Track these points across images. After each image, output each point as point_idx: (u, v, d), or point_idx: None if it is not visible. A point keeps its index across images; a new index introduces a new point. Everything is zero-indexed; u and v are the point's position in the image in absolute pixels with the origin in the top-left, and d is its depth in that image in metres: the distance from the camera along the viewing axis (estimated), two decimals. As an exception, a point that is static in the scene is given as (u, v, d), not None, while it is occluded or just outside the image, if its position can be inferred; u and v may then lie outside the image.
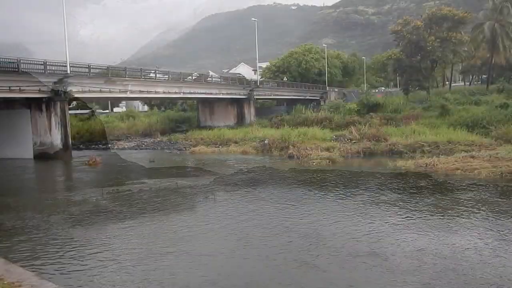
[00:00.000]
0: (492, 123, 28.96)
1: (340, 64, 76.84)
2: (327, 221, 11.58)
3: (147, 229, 11.25)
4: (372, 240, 9.84)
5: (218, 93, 44.74)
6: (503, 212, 12.19)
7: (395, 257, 8.77)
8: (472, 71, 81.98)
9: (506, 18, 55.82)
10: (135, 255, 9.28)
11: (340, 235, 10.29)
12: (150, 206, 13.91)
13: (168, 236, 10.60)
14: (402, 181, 17.47)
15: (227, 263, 8.88)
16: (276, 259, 8.88)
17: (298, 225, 11.24)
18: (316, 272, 8.19)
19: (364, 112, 40.38)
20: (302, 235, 10.36)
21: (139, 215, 12.76)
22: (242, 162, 24.62)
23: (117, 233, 10.92)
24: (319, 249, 9.36)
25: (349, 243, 9.69)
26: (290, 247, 9.51)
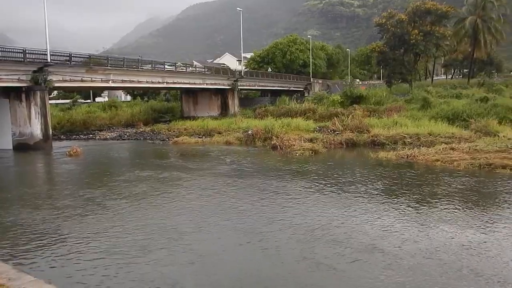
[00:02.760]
0: (472, 116, 29.43)
1: (324, 55, 77.12)
2: (311, 212, 11.57)
3: (130, 223, 11.04)
4: (352, 230, 9.95)
5: (202, 83, 44.39)
6: (480, 203, 12.48)
7: (377, 247, 8.88)
8: (454, 65, 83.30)
9: (488, 14, 56.74)
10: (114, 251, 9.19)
11: (325, 226, 10.35)
12: (133, 198, 13.75)
13: (156, 229, 10.40)
14: (383, 172, 17.68)
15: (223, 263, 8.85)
16: (273, 249, 8.94)
17: (282, 215, 11.28)
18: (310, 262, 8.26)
19: (347, 104, 40.64)
20: (288, 225, 10.41)
21: (122, 208, 12.54)
22: (225, 153, 24.57)
23: (104, 226, 10.71)
24: (310, 240, 9.43)
25: (333, 232, 9.80)
26: (277, 237, 9.56)
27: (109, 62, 34.67)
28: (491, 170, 16.84)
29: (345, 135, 26.69)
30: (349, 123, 29.25)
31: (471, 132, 25.82)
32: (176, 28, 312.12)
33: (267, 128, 28.62)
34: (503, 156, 17.97)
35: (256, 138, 28.13)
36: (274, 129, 28.39)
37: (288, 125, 30.15)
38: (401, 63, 55.71)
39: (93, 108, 51.91)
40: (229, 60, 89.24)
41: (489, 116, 28.91)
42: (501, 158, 17.72)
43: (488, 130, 25.60)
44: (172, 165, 20.93)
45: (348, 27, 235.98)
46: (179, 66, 44.76)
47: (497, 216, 11.02)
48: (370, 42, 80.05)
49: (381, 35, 57.87)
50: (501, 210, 11.66)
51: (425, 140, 23.99)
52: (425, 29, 53.04)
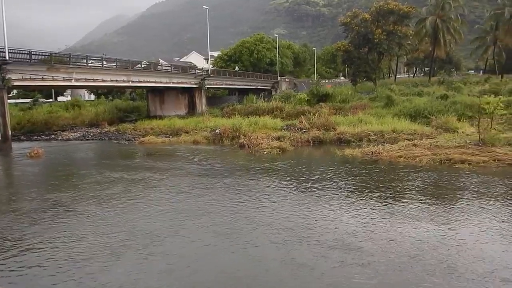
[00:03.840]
0: (433, 113, 30.45)
1: (291, 54, 77.78)
2: (285, 211, 11.59)
3: (101, 227, 10.73)
4: (326, 228, 10.09)
5: (168, 82, 43.78)
6: (443, 198, 12.96)
7: (349, 245, 9.04)
8: (416, 63, 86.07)
9: (447, 14, 58.86)
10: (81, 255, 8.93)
11: (300, 224, 10.42)
12: (103, 201, 13.38)
13: (129, 233, 10.11)
14: (350, 170, 18.03)
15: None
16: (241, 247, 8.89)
17: (256, 215, 11.29)
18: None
19: (314, 102, 41.18)
20: (264, 225, 10.41)
21: (91, 211, 12.13)
22: (193, 152, 24.36)
23: (74, 232, 10.35)
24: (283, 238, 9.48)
25: (303, 229, 9.90)
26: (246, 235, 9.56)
27: (72, 60, 33.62)
28: (451, 165, 17.50)
29: (312, 133, 27.02)
30: (315, 121, 29.62)
31: (432, 128, 26.72)
32: (142, 26, 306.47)
33: (235, 127, 28.59)
34: (462, 152, 18.72)
35: (224, 137, 28.06)
36: (242, 128, 28.40)
37: (256, 124, 30.24)
38: (365, 61, 56.94)
39: (55, 107, 50.27)
40: (196, 58, 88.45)
41: (449, 113, 30.03)
42: (460, 153, 18.45)
43: (448, 126, 26.59)
44: (140, 165, 20.50)
45: (314, 26, 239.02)
46: (145, 64, 43.98)
47: (460, 211, 11.43)
48: (335, 41, 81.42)
49: (346, 34, 58.96)
50: (463, 204, 12.11)
51: (389, 137, 24.65)
52: (388, 29, 54.44)
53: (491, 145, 19.60)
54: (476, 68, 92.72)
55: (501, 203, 12.05)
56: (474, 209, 11.42)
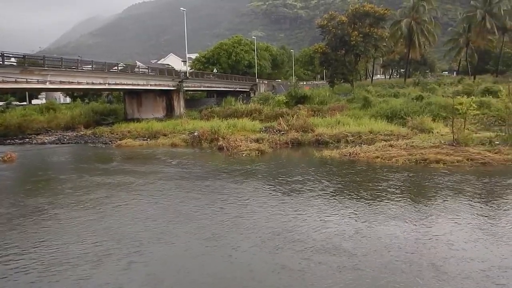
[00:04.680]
0: (408, 114, 31.00)
1: (269, 56, 78.05)
2: (266, 214, 11.58)
3: (81, 233, 10.47)
4: (309, 229, 10.12)
5: (146, 85, 43.27)
6: (419, 197, 13.20)
7: (331, 246, 9.08)
8: (392, 65, 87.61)
9: (421, 16, 60.05)
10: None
11: (283, 227, 10.41)
12: (82, 206, 13.06)
13: (110, 238, 9.87)
14: (329, 171, 18.17)
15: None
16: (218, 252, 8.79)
17: (239, 218, 11.21)
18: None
19: (292, 104, 41.38)
20: (248, 228, 10.37)
21: (71, 217, 11.81)
22: (172, 155, 24.13)
23: (53, 238, 10.07)
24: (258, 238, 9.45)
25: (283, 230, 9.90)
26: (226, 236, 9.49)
27: (46, 63, 32.78)
28: (426, 165, 17.85)
29: (291, 134, 27.14)
30: (294, 123, 29.77)
31: (408, 129, 27.20)
32: (118, 27, 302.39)
33: (213, 129, 28.46)
34: (437, 152, 19.12)
35: (202, 140, 27.89)
36: (220, 130, 28.30)
37: (234, 126, 30.19)
38: (342, 63, 57.60)
39: (29, 110, 48.92)
40: (174, 60, 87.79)
41: (424, 113, 30.64)
42: (435, 153, 18.84)
43: (423, 127, 27.13)
44: (119, 169, 20.14)
45: (291, 28, 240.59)
46: (122, 66, 43.36)
47: (437, 209, 11.66)
48: (313, 43, 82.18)
49: (323, 37, 59.45)
50: (439, 204, 12.35)
51: (366, 138, 24.98)
52: (364, 31, 55.22)
53: (465, 144, 20.08)
54: (449, 70, 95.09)
55: (475, 201, 12.35)
56: (450, 208, 11.66)
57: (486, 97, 36.75)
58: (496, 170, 16.79)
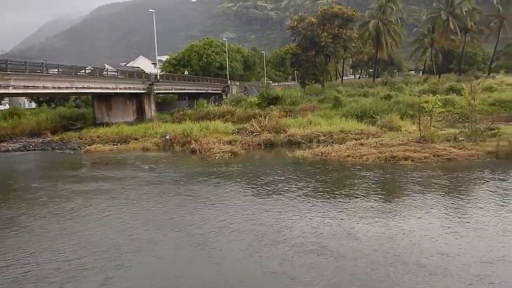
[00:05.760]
0: (378, 113, 31.66)
1: (241, 58, 77.96)
2: (246, 216, 11.54)
3: (58, 244, 10.09)
4: (290, 231, 10.16)
5: (115, 88, 42.41)
6: (390, 194, 13.49)
7: (309, 246, 9.13)
8: (361, 65, 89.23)
9: (388, 18, 61.41)
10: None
11: (264, 229, 10.41)
12: (56, 216, 12.65)
13: (89, 249, 9.53)
14: (301, 170, 18.34)
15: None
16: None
17: (219, 222, 11.12)
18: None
19: (264, 105, 41.52)
20: (230, 231, 10.29)
21: (45, 227, 11.41)
22: (143, 160, 23.78)
23: (28, 250, 9.67)
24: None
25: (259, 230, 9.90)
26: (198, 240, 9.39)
27: (9, 66, 31.65)
28: (395, 162, 18.28)
29: (263, 136, 27.24)
30: (266, 124, 29.88)
31: (377, 128, 27.78)
32: (85, 30, 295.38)
33: (186, 132, 28.23)
34: (405, 149, 19.61)
35: (174, 143, 27.62)
36: (193, 133, 28.10)
37: (207, 128, 30.03)
38: (313, 64, 58.20)
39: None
40: (144, 63, 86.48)
41: (392, 112, 31.36)
42: (403, 150, 19.32)
43: (392, 125, 27.78)
44: (91, 176, 19.57)
45: (262, 29, 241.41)
46: (90, 70, 42.34)
47: (407, 205, 12.03)
48: (284, 44, 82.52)
49: (293, 38, 59.91)
50: (408, 199, 12.70)
51: (338, 137, 25.36)
52: (334, 32, 55.97)
53: (431, 141, 20.67)
54: (416, 69, 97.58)
55: (444, 196, 12.76)
56: (421, 204, 12.02)
57: (450, 95, 37.98)
58: (461, 165, 17.37)
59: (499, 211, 11.04)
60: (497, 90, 44.09)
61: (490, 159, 18.06)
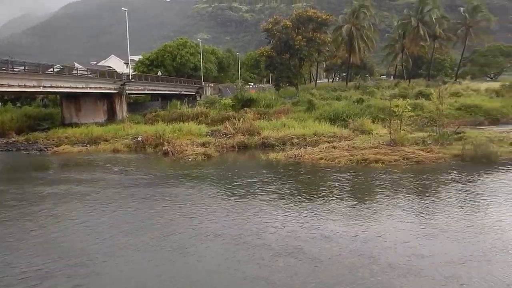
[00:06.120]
0: (350, 116, 32.11)
1: (215, 59, 77.60)
2: (220, 219, 11.43)
3: (26, 249, 9.69)
4: (267, 234, 10.09)
5: (85, 87, 41.36)
6: (361, 196, 13.65)
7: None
8: (334, 69, 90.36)
9: (361, 23, 62.47)
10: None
11: (239, 232, 10.31)
12: (23, 220, 12.14)
13: (59, 253, 9.15)
14: (275, 173, 18.34)
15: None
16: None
17: (195, 225, 10.95)
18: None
19: (239, 107, 41.41)
20: (206, 235, 10.12)
21: (12, 232, 10.93)
22: (114, 161, 23.25)
23: None
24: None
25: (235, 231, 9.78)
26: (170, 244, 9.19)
27: (-29, 64, 30.45)
28: (366, 165, 18.55)
29: (237, 138, 27.14)
30: (240, 126, 29.81)
31: (349, 131, 28.16)
32: (54, 27, 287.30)
33: (158, 133, 27.82)
34: (376, 152, 19.95)
35: (146, 145, 27.16)
36: (166, 135, 27.72)
37: (180, 130, 29.70)
38: (287, 67, 58.48)
39: (-48, 116, 45.08)
40: (116, 62, 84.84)
41: (364, 115, 31.89)
42: (375, 153, 19.65)
43: (363, 128, 28.22)
44: (59, 178, 18.93)
45: (237, 31, 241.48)
46: (58, 68, 41.13)
47: (378, 207, 12.24)
48: (259, 46, 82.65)
49: (268, 40, 60.08)
50: (379, 201, 12.92)
51: (311, 140, 25.56)
52: (308, 36, 56.43)
53: (401, 144, 21.11)
54: (387, 74, 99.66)
55: (413, 198, 13.04)
56: (392, 206, 12.25)
57: (420, 100, 38.88)
58: (429, 167, 17.81)
59: (467, 212, 11.37)
60: (463, 95, 45.61)
61: (456, 162, 18.60)
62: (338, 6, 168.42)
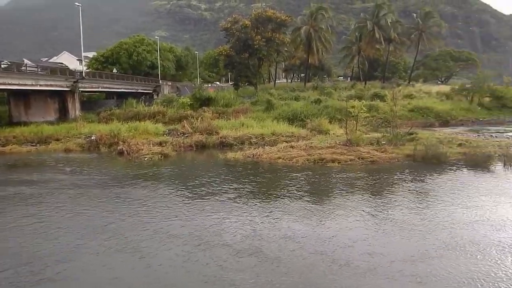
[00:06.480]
0: (308, 116, 32.56)
1: (173, 57, 76.39)
2: (171, 219, 11.20)
3: None
4: (228, 233, 9.93)
5: (35, 85, 39.38)
6: (317, 194, 13.79)
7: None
8: (293, 69, 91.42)
9: (319, 24, 63.59)
10: None
11: (199, 232, 10.10)
12: None
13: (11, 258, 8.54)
14: (233, 172, 18.22)
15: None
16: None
17: (153, 225, 10.64)
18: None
19: (197, 106, 40.91)
20: (164, 235, 9.83)
21: None
22: (65, 162, 22.26)
23: None
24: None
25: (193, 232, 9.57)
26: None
27: None
28: (323, 164, 18.83)
29: (195, 137, 26.80)
30: (198, 126, 29.46)
31: (307, 131, 28.53)
32: (2, 21, 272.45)
33: (113, 132, 26.94)
34: (333, 151, 20.30)
35: (100, 144, 26.23)
36: (121, 134, 26.89)
37: (136, 129, 28.92)
38: (246, 66, 58.51)
39: None
40: (69, 59, 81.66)
41: (322, 116, 32.43)
42: (331, 153, 19.99)
43: (321, 128, 28.68)
44: (7, 179, 17.81)
45: (196, 29, 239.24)
46: (6, 64, 38.97)
47: (334, 205, 12.45)
48: (218, 45, 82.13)
49: (227, 39, 59.84)
50: (335, 199, 13.15)
51: (269, 140, 25.68)
52: (267, 36, 56.71)
53: (357, 144, 21.62)
54: (344, 75, 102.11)
55: (368, 197, 13.34)
56: (347, 204, 12.48)
57: (375, 101, 40.10)
58: (383, 167, 18.33)
59: (420, 210, 11.77)
60: (416, 97, 47.55)
61: (409, 162, 19.26)
62: (297, 7, 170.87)
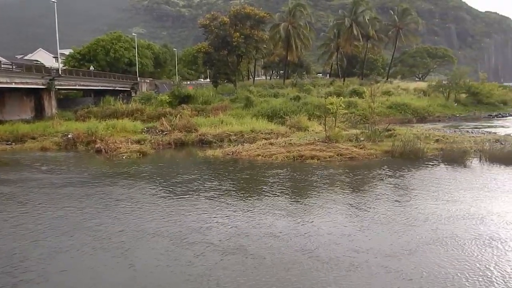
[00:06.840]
0: (287, 113, 32.74)
1: (151, 55, 75.63)
2: (152, 218, 11.11)
3: None
4: (211, 232, 9.95)
5: (9, 82, 38.42)
6: (297, 191, 13.96)
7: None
8: (272, 66, 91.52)
9: (297, 21, 63.83)
10: None
11: (178, 230, 10.06)
12: None
13: None
14: (213, 169, 18.26)
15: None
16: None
17: (126, 224, 10.56)
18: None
19: (176, 104, 40.65)
20: (148, 235, 9.75)
21: None
22: (41, 160, 21.85)
23: None
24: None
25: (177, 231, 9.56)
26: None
27: None
28: (303, 161, 19.02)
29: (174, 135, 26.67)
30: (177, 123, 29.29)
31: (286, 127, 28.72)
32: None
33: (90, 131, 26.55)
34: (312, 148, 20.51)
35: (77, 142, 25.84)
36: (98, 132, 26.53)
37: (114, 127, 28.54)
38: (225, 63, 58.39)
39: None
40: (44, 56, 79.84)
41: (301, 113, 32.66)
42: (310, 150, 20.19)
43: (300, 125, 28.91)
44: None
45: (174, 26, 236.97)
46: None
47: (314, 202, 12.58)
48: (196, 42, 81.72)
49: (206, 36, 59.52)
50: (315, 196, 13.33)
51: (248, 137, 25.73)
52: (246, 33, 56.66)
53: (336, 141, 21.89)
54: (323, 72, 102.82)
55: (348, 193, 13.58)
56: (329, 200, 12.66)
57: (353, 98, 40.61)
58: (361, 164, 18.63)
59: (399, 206, 12.00)
60: (394, 94, 48.38)
61: (387, 158, 19.61)
62: (275, 4, 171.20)
